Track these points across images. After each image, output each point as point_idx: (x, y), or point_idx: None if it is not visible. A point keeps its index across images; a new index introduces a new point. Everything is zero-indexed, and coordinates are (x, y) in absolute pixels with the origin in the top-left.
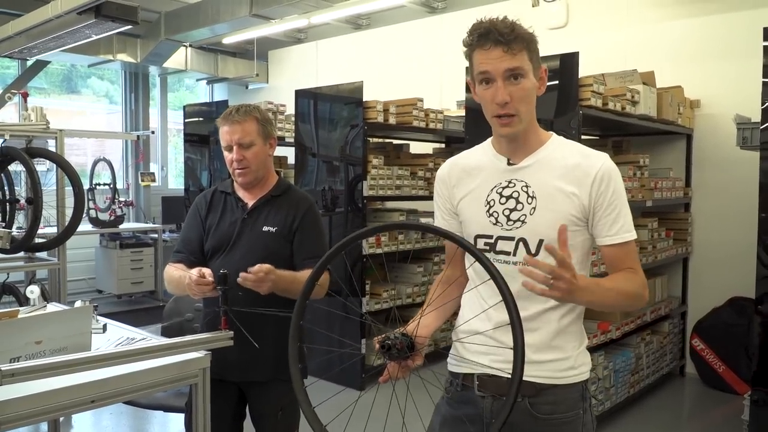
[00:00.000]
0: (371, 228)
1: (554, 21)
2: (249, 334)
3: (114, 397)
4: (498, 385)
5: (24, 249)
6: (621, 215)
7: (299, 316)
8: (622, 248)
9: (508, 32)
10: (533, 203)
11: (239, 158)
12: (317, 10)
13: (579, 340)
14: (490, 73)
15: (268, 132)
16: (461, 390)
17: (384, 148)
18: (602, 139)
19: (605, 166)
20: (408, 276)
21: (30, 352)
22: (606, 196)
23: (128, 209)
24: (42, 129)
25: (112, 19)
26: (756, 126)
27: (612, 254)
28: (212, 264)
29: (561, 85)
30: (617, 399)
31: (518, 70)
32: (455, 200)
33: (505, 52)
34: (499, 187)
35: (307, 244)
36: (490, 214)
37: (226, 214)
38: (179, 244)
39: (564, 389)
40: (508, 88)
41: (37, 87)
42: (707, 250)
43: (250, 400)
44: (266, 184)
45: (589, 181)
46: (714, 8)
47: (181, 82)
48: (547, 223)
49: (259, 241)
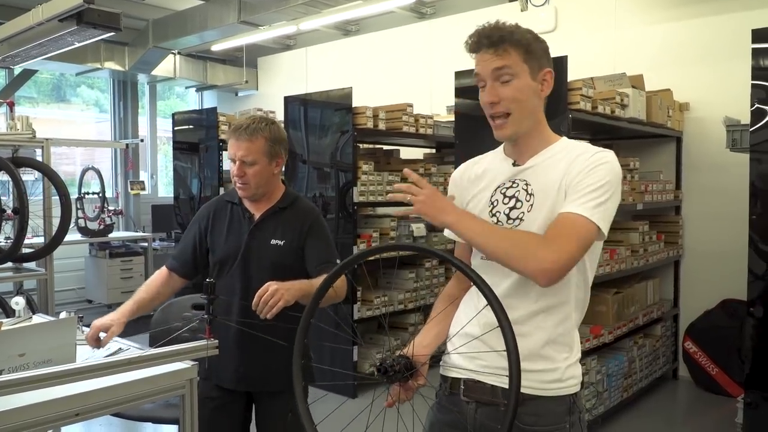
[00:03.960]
0: (378, 247)
1: (543, 25)
2: (258, 345)
3: (99, 409)
4: (483, 391)
5: (11, 259)
6: (592, 195)
7: (303, 333)
8: (564, 216)
9: (492, 35)
10: (531, 200)
11: (240, 174)
12: (306, 16)
13: (570, 352)
14: (480, 76)
15: (276, 151)
16: (449, 395)
17: (374, 154)
18: (592, 142)
19: (599, 154)
20: (400, 282)
21: (13, 365)
22: (582, 173)
23: (118, 218)
24: (28, 138)
25: (95, 26)
26: (745, 128)
27: (554, 220)
28: (222, 278)
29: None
30: (611, 403)
31: (505, 69)
32: (465, 202)
33: (492, 54)
34: (503, 187)
35: (319, 251)
36: (493, 214)
37: (233, 225)
38: (176, 251)
39: (549, 401)
40: (497, 89)
41: (26, 96)
42: (699, 252)
43: (257, 406)
44: (273, 196)
45: (578, 162)
46: (702, 11)
47: (171, 89)
48: (543, 219)
49: (267, 254)
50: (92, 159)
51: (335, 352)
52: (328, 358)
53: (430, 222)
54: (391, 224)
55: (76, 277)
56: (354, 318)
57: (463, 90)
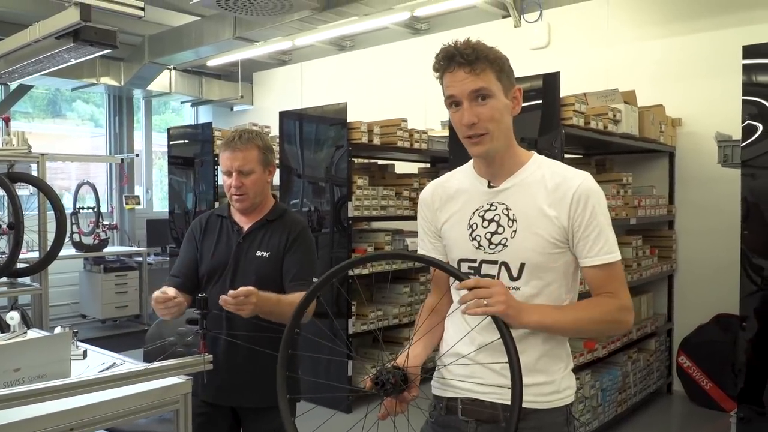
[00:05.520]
0: (365, 257)
1: (536, 41)
2: (243, 359)
3: (93, 424)
4: (483, 408)
5: (5, 274)
6: (602, 236)
7: (287, 346)
8: (603, 270)
9: (469, 53)
10: (514, 226)
11: (238, 185)
12: (301, 32)
13: (564, 363)
14: (455, 96)
15: (269, 160)
16: (445, 414)
17: (369, 169)
18: (585, 157)
19: (584, 185)
20: (394, 297)
21: (8, 380)
22: (585, 216)
23: (112, 233)
24: (24, 153)
25: (91, 44)
26: (737, 144)
27: (593, 276)
28: (208, 290)
29: (543, 105)
30: (605, 418)
31: (483, 91)
32: (438, 223)
33: (468, 73)
34: (481, 210)
35: (295, 268)
36: (473, 237)
37: (222, 238)
38: (175, 268)
39: (548, 413)
40: (474, 109)
41: (21, 111)
42: (692, 267)
43: (243, 424)
44: (263, 209)
45: (567, 201)
46: (693, 28)
47: (166, 104)
48: (528, 246)
49: (252, 266)
50: (87, 174)
51: (330, 366)
52: (323, 372)
53: (510, 325)
54: (386, 239)
55: (70, 292)
56: (348, 332)
57: None
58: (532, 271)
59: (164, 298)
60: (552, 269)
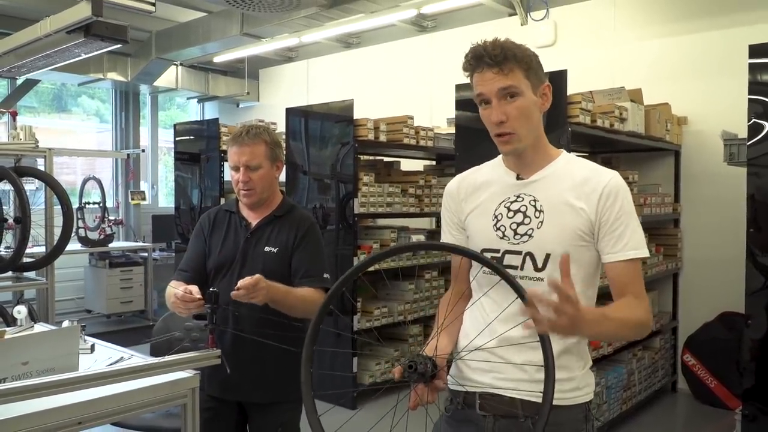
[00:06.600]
0: (388, 250)
1: (543, 39)
2: (250, 354)
3: (101, 418)
4: (501, 404)
5: (12, 269)
6: (627, 231)
7: (312, 342)
8: (627, 267)
9: (497, 53)
10: (540, 217)
11: (246, 180)
12: (308, 29)
13: (584, 360)
14: (485, 95)
15: (276, 155)
16: (462, 408)
17: (375, 166)
18: (591, 156)
19: (613, 181)
20: (399, 293)
21: (16, 373)
22: (613, 211)
23: (118, 228)
24: (31, 148)
25: (102, 39)
26: (743, 142)
27: (616, 272)
28: (215, 285)
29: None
30: (610, 415)
31: (511, 89)
32: (463, 214)
33: (497, 73)
34: (508, 201)
35: (305, 265)
36: (497, 228)
37: (230, 233)
38: (183, 263)
39: (568, 410)
40: (503, 108)
41: (27, 106)
42: (697, 265)
43: (250, 418)
44: (270, 204)
45: (597, 195)
46: (700, 27)
47: (172, 100)
48: (554, 237)
49: (259, 261)
50: (93, 169)
51: (335, 362)
52: (327, 367)
53: (558, 336)
54: (392, 235)
55: (75, 286)
56: (354, 329)
57: (464, 102)
58: (557, 263)
59: (191, 298)
60: (576, 262)
